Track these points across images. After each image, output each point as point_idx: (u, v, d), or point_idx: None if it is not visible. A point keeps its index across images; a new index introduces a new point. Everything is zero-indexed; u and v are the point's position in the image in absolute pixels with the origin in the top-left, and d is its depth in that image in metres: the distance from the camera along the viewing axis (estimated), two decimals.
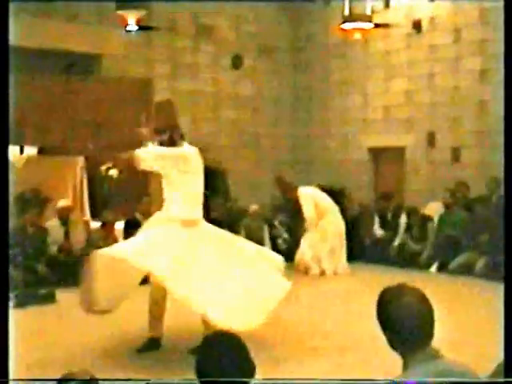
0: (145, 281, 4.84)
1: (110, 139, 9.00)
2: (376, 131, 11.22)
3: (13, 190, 3.20)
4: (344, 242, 8.43)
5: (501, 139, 2.78)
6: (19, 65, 4.61)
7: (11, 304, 5.17)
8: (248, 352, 1.94)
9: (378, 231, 9.50)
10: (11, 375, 2.45)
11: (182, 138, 4.76)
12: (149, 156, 4.52)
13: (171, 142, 4.66)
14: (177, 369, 4.19)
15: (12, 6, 2.42)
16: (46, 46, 9.48)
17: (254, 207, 9.46)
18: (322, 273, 8.30)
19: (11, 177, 2.53)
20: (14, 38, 2.55)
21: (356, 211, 10.25)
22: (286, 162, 12.15)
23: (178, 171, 4.56)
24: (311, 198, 8.15)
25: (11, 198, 2.89)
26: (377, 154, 11.37)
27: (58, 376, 2.03)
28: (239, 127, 11.80)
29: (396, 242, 9.16)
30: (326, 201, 8.42)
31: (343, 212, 8.85)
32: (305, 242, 8.38)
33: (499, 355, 2.38)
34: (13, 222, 6.53)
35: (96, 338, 5.00)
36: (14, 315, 2.89)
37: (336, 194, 10.59)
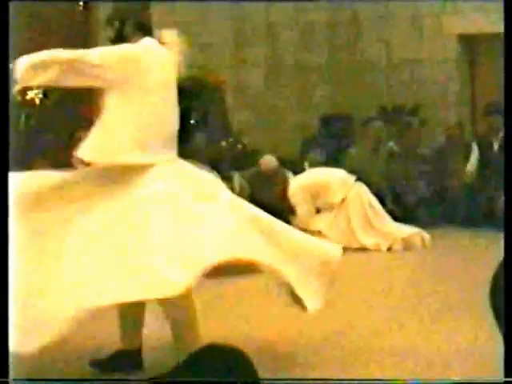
0: None
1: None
2: (468, 9, 11.18)
3: None
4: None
5: None
6: None
7: None
8: (254, 371, 2.21)
9: (473, 169, 9.61)
10: (11, 375, 3.26)
11: (146, 31, 4.77)
12: (26, 67, 4.56)
13: (118, 39, 4.76)
14: None
15: None
16: None
17: (268, 162, 9.43)
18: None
19: None
20: None
21: (439, 142, 10.36)
22: (323, 70, 11.97)
23: (128, 86, 4.62)
24: (307, 192, 8.84)
25: None
26: (472, 45, 11.49)
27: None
28: (242, 12, 11.53)
29: None
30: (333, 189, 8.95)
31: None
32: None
33: None
34: None
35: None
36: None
37: (405, 116, 10.48)
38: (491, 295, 2.31)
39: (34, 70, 4.58)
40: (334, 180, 8.85)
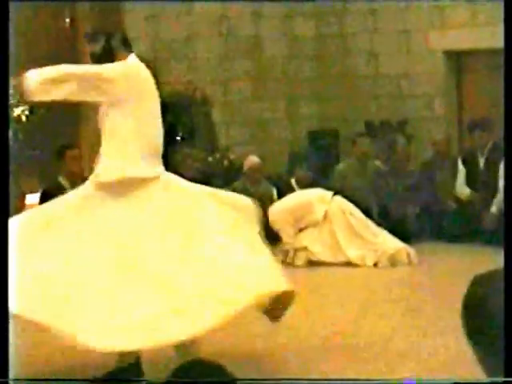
0: None
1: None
2: (456, 25, 11.17)
3: None
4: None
5: None
6: None
7: None
8: None
9: (463, 189, 9.59)
10: (11, 375, 3.27)
11: (129, 46, 4.90)
12: (39, 81, 4.54)
13: (106, 54, 4.80)
14: None
15: None
16: None
17: (252, 160, 9.58)
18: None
19: None
20: None
21: (427, 156, 10.31)
22: (310, 84, 11.86)
23: (130, 101, 4.65)
24: (289, 215, 8.90)
25: None
26: (459, 61, 11.47)
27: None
28: (228, 23, 11.48)
29: (494, 207, 9.13)
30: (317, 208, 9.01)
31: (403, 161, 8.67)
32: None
33: None
34: None
35: None
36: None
37: (393, 131, 10.44)
38: (464, 311, 2.11)
39: (48, 85, 4.54)
40: (313, 199, 8.92)
